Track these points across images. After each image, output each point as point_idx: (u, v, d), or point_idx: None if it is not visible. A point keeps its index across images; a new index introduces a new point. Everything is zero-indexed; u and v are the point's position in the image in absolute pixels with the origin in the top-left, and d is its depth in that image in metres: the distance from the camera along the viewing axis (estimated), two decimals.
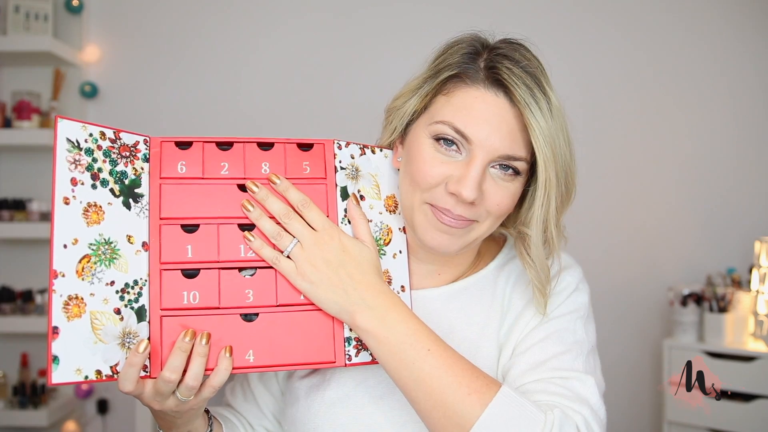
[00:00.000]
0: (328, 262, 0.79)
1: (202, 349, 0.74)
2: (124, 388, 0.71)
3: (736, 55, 2.49)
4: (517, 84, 0.80)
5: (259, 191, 0.80)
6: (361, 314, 0.77)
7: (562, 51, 2.56)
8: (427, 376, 0.74)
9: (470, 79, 0.82)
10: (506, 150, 0.81)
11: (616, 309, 2.55)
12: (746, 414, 2.08)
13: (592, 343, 0.88)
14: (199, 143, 0.81)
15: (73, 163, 0.72)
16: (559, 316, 0.87)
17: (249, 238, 0.79)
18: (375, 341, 0.77)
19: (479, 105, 0.81)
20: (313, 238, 0.80)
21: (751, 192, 2.47)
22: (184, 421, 0.81)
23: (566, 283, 0.90)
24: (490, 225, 0.86)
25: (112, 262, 0.73)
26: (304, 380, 0.92)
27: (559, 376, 0.81)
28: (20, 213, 2.45)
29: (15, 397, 2.42)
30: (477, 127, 0.80)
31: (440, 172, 0.82)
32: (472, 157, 0.81)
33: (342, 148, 0.87)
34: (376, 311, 0.77)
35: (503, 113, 0.81)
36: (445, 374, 0.74)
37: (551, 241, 0.85)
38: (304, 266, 0.79)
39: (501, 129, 0.80)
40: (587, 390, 0.80)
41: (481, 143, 0.80)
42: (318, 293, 0.79)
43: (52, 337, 0.67)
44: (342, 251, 0.80)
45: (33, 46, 2.43)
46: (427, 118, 0.85)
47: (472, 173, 0.80)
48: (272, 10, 2.68)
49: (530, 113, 0.79)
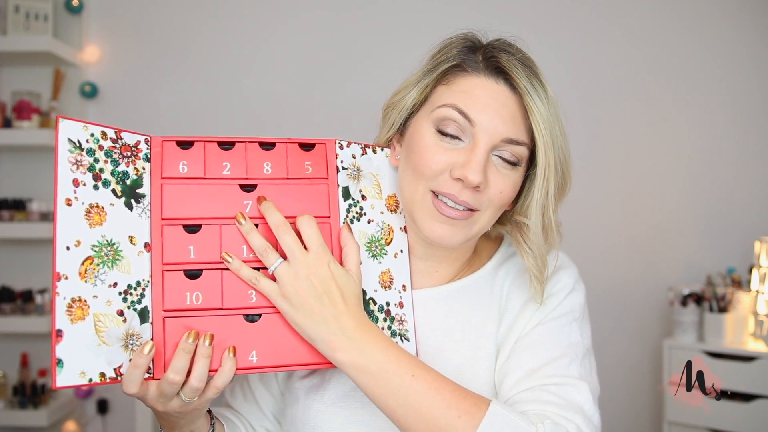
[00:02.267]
0: (314, 287, 0.77)
1: (205, 350, 0.73)
2: (128, 390, 0.71)
3: (736, 55, 2.49)
4: (518, 70, 0.83)
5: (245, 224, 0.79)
6: (341, 346, 0.76)
7: (563, 51, 2.56)
8: (414, 402, 0.73)
9: (471, 68, 0.85)
10: (509, 133, 0.82)
11: (616, 309, 2.55)
12: (746, 414, 2.08)
13: (587, 346, 0.88)
14: (200, 143, 0.80)
15: (74, 163, 0.72)
16: (554, 318, 0.87)
17: (227, 259, 0.77)
18: (356, 371, 0.75)
19: (480, 91, 0.83)
20: (302, 258, 0.77)
21: (751, 192, 2.47)
22: (187, 421, 0.81)
23: (563, 284, 0.90)
24: (491, 216, 0.86)
25: (114, 264, 0.73)
26: (304, 381, 0.92)
27: (552, 383, 0.81)
28: (20, 213, 2.45)
29: (15, 397, 2.42)
30: (480, 111, 0.82)
31: (444, 159, 0.83)
32: (476, 142, 0.82)
33: (343, 148, 0.87)
34: (355, 342, 0.76)
35: (504, 99, 0.83)
36: (434, 398, 0.73)
37: (549, 229, 0.86)
38: (287, 288, 0.77)
39: (503, 114, 0.82)
40: (581, 396, 0.80)
41: (484, 127, 0.82)
42: (297, 318, 0.77)
43: (56, 340, 0.67)
44: (330, 278, 0.78)
45: (33, 46, 2.43)
46: (428, 107, 0.87)
47: (477, 157, 0.81)
48: (272, 9, 2.68)
49: (530, 98, 0.82)
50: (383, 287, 0.86)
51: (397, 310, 0.86)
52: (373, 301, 0.85)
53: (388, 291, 0.86)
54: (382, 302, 0.86)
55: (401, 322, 0.86)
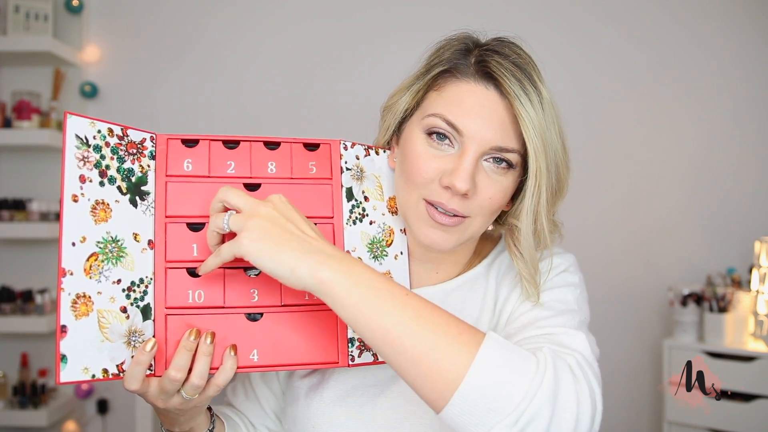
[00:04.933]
0: (276, 216, 0.70)
1: (206, 348, 0.73)
2: (129, 387, 0.71)
3: (737, 55, 2.49)
4: (506, 76, 0.81)
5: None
6: (325, 263, 0.68)
7: (563, 51, 2.57)
8: (413, 316, 0.66)
9: (461, 74, 0.84)
10: (498, 141, 0.81)
11: (616, 309, 2.55)
12: (746, 414, 2.08)
13: (586, 316, 0.86)
14: (205, 141, 0.80)
15: (81, 160, 0.72)
16: (547, 289, 0.86)
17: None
18: (344, 291, 0.67)
19: (469, 98, 0.82)
20: (252, 200, 0.71)
21: (751, 192, 2.48)
22: (187, 418, 0.81)
23: (555, 264, 0.89)
24: (483, 221, 0.86)
25: (119, 261, 0.73)
26: (304, 380, 0.92)
27: (546, 333, 0.78)
28: (20, 213, 2.45)
29: (15, 397, 2.42)
30: (468, 119, 0.81)
31: (434, 167, 0.83)
32: (464, 150, 0.81)
33: (348, 149, 0.87)
34: (340, 261, 0.69)
35: (493, 105, 0.82)
36: (432, 313, 0.67)
37: (542, 233, 0.85)
38: (247, 230, 0.69)
39: (492, 121, 0.81)
40: (578, 344, 0.75)
41: (473, 135, 0.81)
42: (268, 250, 0.68)
43: (61, 335, 0.67)
44: (286, 204, 0.73)
45: (33, 46, 2.43)
46: (420, 114, 0.86)
47: (464, 165, 0.80)
48: (272, 10, 2.68)
49: (519, 104, 0.80)
50: None
51: None
52: None
53: None
54: None
55: None
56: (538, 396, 0.63)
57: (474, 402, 0.63)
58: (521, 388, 0.63)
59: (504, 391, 0.63)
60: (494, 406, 0.63)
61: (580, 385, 0.67)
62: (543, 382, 0.64)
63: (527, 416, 0.62)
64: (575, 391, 0.66)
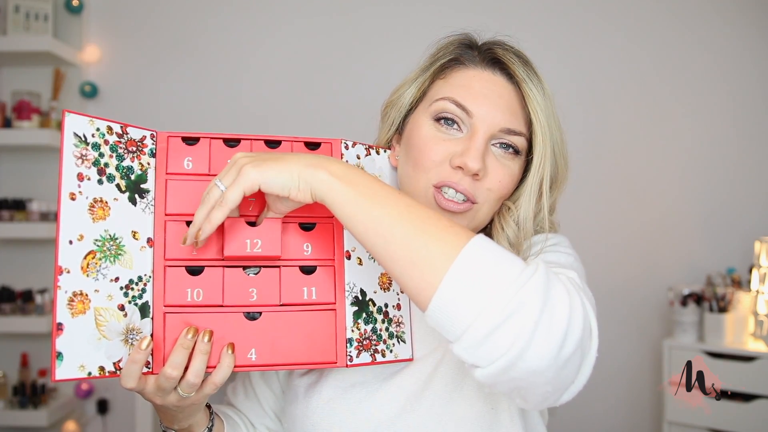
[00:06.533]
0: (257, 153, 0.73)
1: (204, 346, 0.74)
2: (126, 385, 0.71)
3: (737, 55, 2.49)
4: (514, 61, 0.85)
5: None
6: (331, 163, 0.71)
7: (562, 50, 2.57)
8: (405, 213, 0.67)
9: (468, 61, 0.87)
10: (506, 123, 0.84)
11: (616, 309, 2.55)
12: (746, 414, 2.08)
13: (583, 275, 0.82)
14: (206, 139, 0.80)
15: (79, 158, 0.72)
16: (538, 252, 0.84)
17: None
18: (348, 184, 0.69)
19: (477, 83, 0.85)
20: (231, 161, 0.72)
21: (751, 192, 2.48)
22: (186, 415, 0.82)
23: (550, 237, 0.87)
24: (489, 209, 0.87)
25: (116, 258, 0.73)
26: (303, 378, 0.92)
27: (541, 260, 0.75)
28: (20, 213, 2.45)
29: (15, 397, 2.42)
30: (477, 102, 0.84)
31: (443, 149, 0.84)
32: (474, 131, 0.83)
33: (349, 148, 0.87)
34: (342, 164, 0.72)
35: (501, 89, 0.85)
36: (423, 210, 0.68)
37: (543, 218, 0.87)
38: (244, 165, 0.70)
39: (500, 104, 0.84)
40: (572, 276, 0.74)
41: (482, 117, 0.83)
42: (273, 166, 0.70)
43: (57, 333, 0.67)
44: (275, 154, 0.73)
45: (33, 46, 2.43)
46: (426, 102, 0.88)
47: (476, 144, 0.82)
48: (272, 10, 2.68)
49: (528, 85, 0.84)
50: (382, 289, 0.86)
51: (395, 312, 0.86)
52: (373, 303, 0.85)
53: (386, 293, 0.86)
54: (380, 303, 0.85)
55: (398, 324, 0.86)
56: (530, 284, 0.61)
57: (462, 288, 0.61)
58: (512, 273, 0.61)
59: (493, 276, 0.61)
60: (483, 289, 0.61)
61: (572, 297, 0.64)
62: (534, 275, 0.62)
63: (516, 302, 0.60)
64: (567, 293, 0.63)
